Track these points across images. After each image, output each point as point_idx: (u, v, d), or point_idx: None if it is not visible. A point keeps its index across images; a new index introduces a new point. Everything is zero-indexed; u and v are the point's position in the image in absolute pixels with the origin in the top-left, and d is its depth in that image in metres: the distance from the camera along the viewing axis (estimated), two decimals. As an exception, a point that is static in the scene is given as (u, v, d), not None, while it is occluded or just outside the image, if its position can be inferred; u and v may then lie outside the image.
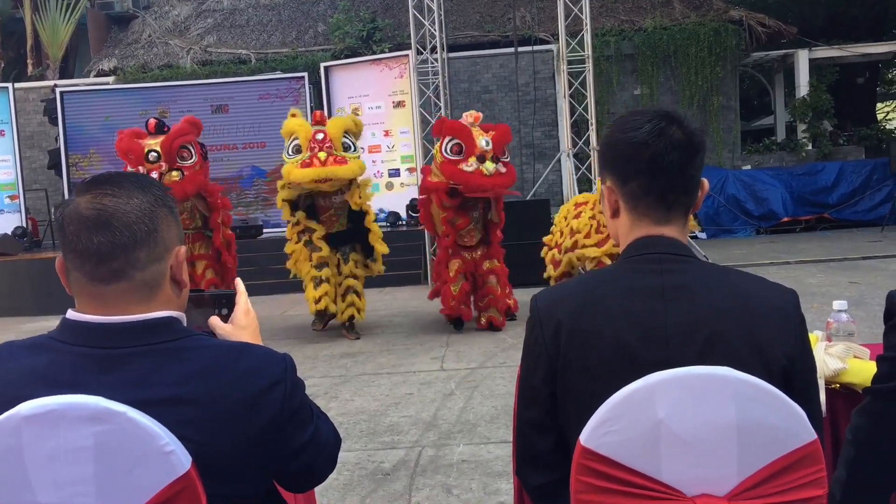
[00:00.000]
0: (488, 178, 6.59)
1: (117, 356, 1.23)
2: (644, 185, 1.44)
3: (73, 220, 1.23)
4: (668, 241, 1.45)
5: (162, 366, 1.23)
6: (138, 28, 18.21)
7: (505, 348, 6.43)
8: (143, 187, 1.28)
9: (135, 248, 1.24)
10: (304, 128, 6.96)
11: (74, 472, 1.19)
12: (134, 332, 1.24)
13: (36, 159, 15.70)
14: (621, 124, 1.49)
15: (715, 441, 1.21)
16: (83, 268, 1.24)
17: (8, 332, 9.06)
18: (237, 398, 1.23)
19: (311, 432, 1.34)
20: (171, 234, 1.30)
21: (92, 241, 1.22)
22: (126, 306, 1.25)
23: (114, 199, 1.24)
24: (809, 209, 14.48)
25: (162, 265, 1.29)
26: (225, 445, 1.23)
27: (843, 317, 2.10)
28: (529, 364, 1.52)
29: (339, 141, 6.92)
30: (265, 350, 1.33)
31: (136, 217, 1.24)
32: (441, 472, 3.77)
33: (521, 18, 15.49)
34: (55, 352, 1.24)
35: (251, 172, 13.90)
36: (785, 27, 15.58)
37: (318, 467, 1.39)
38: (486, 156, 6.64)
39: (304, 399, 1.35)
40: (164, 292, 1.30)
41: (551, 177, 14.06)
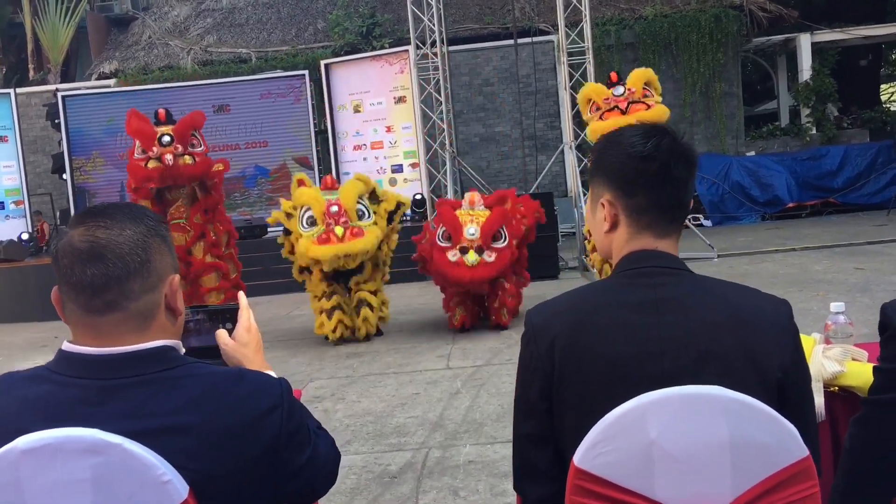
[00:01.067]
0: (467, 270, 6.64)
1: (112, 387, 1.23)
2: (652, 197, 1.45)
3: (67, 252, 1.25)
4: (661, 255, 1.46)
5: (157, 395, 1.24)
6: (138, 30, 18.23)
7: (511, 345, 6.44)
8: (136, 218, 1.30)
9: (128, 280, 1.25)
10: (318, 201, 6.87)
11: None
12: (128, 363, 1.25)
13: (40, 164, 15.76)
14: (621, 139, 1.50)
15: (708, 459, 1.22)
16: (78, 300, 1.25)
17: (14, 338, 9.11)
18: (233, 425, 1.24)
19: (310, 453, 1.35)
20: (164, 263, 1.31)
21: (85, 274, 1.23)
22: (121, 336, 1.26)
23: (106, 232, 1.25)
24: (814, 194, 14.42)
25: (156, 295, 1.30)
26: (223, 472, 1.24)
27: (840, 319, 2.09)
28: (525, 378, 1.53)
29: (353, 211, 6.87)
30: (260, 375, 1.35)
31: (128, 248, 1.25)
32: (448, 474, 3.79)
33: (520, 10, 15.45)
34: (53, 384, 1.25)
35: (254, 172, 13.91)
36: (786, 11, 15.50)
37: (317, 485, 1.40)
38: (470, 246, 6.69)
39: (302, 420, 1.36)
40: (158, 321, 1.31)
41: (555, 168, 14.04)
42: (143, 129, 7.31)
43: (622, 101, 6.97)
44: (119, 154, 13.89)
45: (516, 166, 14.27)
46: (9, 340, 9.10)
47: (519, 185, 14.31)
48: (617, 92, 6.96)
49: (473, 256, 6.65)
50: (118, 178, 13.60)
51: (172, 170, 7.21)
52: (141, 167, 7.26)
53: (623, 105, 6.93)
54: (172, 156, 7.15)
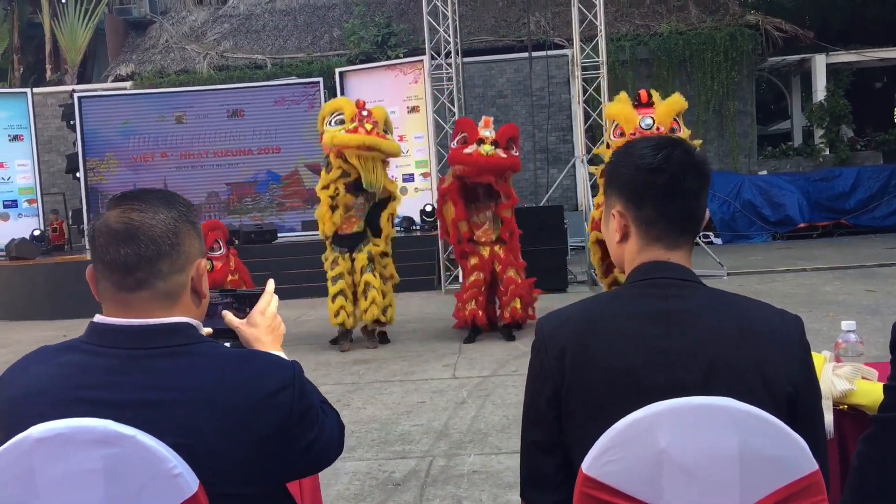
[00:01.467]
0: (484, 157, 6.96)
1: (136, 357, 1.30)
2: (661, 209, 1.46)
3: (103, 232, 1.33)
4: (673, 266, 1.46)
5: (175, 368, 1.30)
6: (155, 33, 18.38)
7: (517, 356, 6.43)
8: (169, 203, 1.37)
9: (158, 260, 1.33)
10: (350, 105, 7.21)
11: (84, 495, 1.21)
12: (152, 335, 1.32)
13: (54, 163, 15.87)
14: (632, 150, 1.51)
15: (717, 471, 1.22)
16: (111, 277, 1.33)
17: (23, 336, 9.15)
18: (246, 401, 1.29)
19: (317, 430, 1.40)
20: (192, 247, 1.39)
21: (119, 253, 1.31)
22: (149, 312, 1.34)
23: (141, 214, 1.33)
24: (826, 215, 14.37)
25: (183, 276, 1.38)
26: (234, 446, 1.28)
27: (851, 337, 2.09)
28: (535, 386, 1.53)
29: (381, 121, 7.22)
30: (273, 357, 1.42)
31: (160, 231, 1.33)
32: (452, 483, 3.78)
33: (535, 23, 15.50)
34: (83, 353, 1.32)
35: (266, 177, 13.98)
36: (802, 31, 15.50)
37: (324, 458, 1.45)
38: (485, 141, 7.05)
39: (312, 401, 1.41)
40: (183, 301, 1.38)
41: (566, 182, 14.05)
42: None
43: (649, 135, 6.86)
44: (133, 156, 14.00)
45: (527, 179, 14.27)
46: (18, 338, 9.14)
47: (529, 197, 14.31)
48: (645, 123, 6.81)
49: (489, 147, 6.97)
50: (131, 180, 13.69)
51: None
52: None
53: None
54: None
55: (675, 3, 16.26)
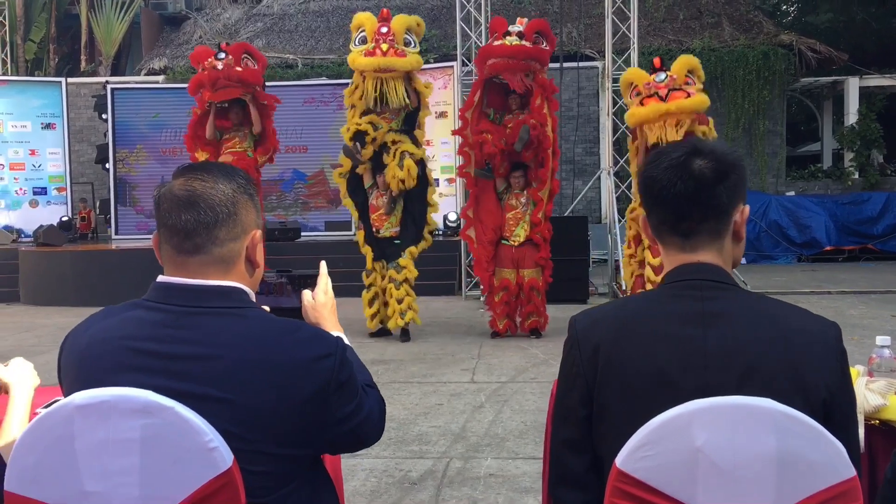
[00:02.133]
0: (508, 46, 7.13)
1: (189, 314, 1.37)
2: (658, 215, 1.50)
3: (167, 199, 1.41)
4: (708, 267, 1.46)
5: (226, 328, 1.36)
6: (189, 29, 18.57)
7: (536, 363, 6.42)
8: (229, 176, 1.45)
9: (216, 227, 1.40)
10: (371, 21, 7.47)
11: (121, 462, 1.23)
12: (206, 294, 1.40)
13: (84, 153, 16.06)
14: (651, 158, 1.54)
15: (753, 472, 1.21)
16: (172, 240, 1.41)
17: (48, 321, 9.26)
18: (290, 364, 1.35)
19: (356, 404, 1.45)
20: (249, 218, 1.46)
21: (181, 219, 1.39)
22: (205, 275, 1.42)
23: (202, 184, 1.41)
24: (853, 239, 14.21)
25: (238, 244, 1.44)
26: (275, 406, 1.33)
27: (885, 352, 2.07)
28: (566, 384, 1.53)
29: (401, 35, 7.39)
30: (318, 329, 1.49)
31: (219, 200, 1.41)
32: (468, 485, 3.78)
33: (567, 34, 15.49)
34: (143, 308, 1.41)
35: (292, 176, 14.04)
36: (836, 53, 15.36)
37: (363, 435, 1.50)
38: (512, 34, 7.26)
39: (353, 374, 1.45)
40: (238, 268, 1.45)
41: (590, 194, 14.01)
42: (200, 52, 8.16)
43: (662, 88, 6.80)
44: (162, 149, 14.13)
45: (552, 189, 14.25)
46: (43, 322, 9.25)
47: (554, 208, 14.25)
48: (659, 78, 6.82)
49: (513, 38, 7.17)
50: (159, 173, 13.80)
51: (222, 71, 7.86)
52: (197, 80, 8.05)
53: (663, 92, 6.78)
54: (224, 64, 7.85)
55: (709, 20, 16.19)
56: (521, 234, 7.54)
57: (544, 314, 7.62)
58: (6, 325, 9.18)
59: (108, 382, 1.30)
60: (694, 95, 6.79)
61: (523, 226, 7.56)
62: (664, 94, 6.75)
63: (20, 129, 14.04)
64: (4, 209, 13.98)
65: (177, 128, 14.10)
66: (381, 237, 7.68)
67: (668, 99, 6.70)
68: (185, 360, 1.32)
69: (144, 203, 14.25)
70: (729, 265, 1.50)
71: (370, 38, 7.36)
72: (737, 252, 1.52)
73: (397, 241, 7.63)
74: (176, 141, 14.06)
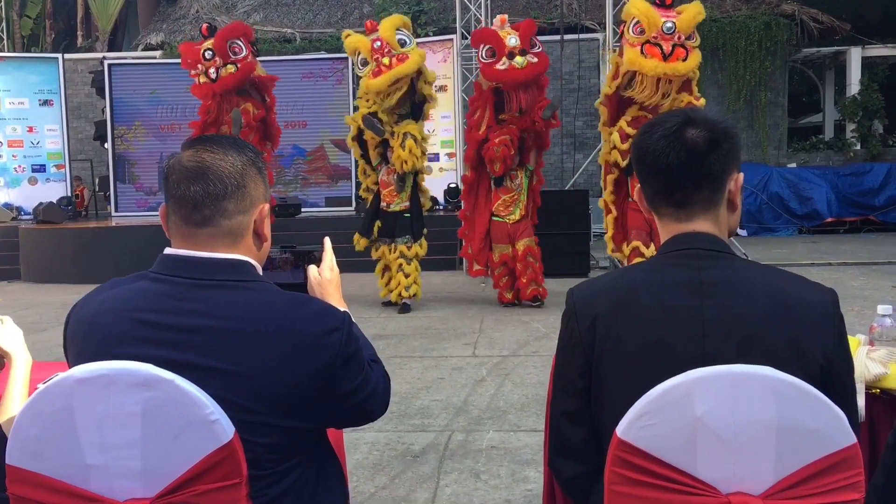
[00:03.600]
0: (521, 71, 7.24)
1: (197, 286, 1.38)
2: (650, 186, 1.50)
3: (176, 170, 1.41)
4: (704, 236, 1.46)
5: (233, 301, 1.37)
6: (186, 3, 18.39)
7: (538, 337, 6.43)
8: (238, 148, 1.45)
9: (224, 199, 1.40)
10: (363, 42, 7.56)
11: (122, 435, 1.23)
12: (214, 267, 1.40)
13: (82, 130, 15.99)
14: (643, 129, 1.53)
15: (753, 440, 1.21)
16: (180, 212, 1.41)
17: (49, 298, 9.28)
18: (297, 337, 1.36)
19: (362, 379, 1.46)
20: (258, 191, 1.46)
21: (189, 190, 1.39)
22: (213, 248, 1.42)
23: (212, 155, 1.41)
24: (854, 210, 14.17)
25: (247, 217, 1.45)
26: (281, 378, 1.33)
27: (886, 321, 2.07)
28: (565, 356, 1.53)
29: (394, 41, 7.44)
30: (327, 304, 1.49)
31: (228, 172, 1.41)
32: (470, 458, 3.80)
33: (567, 6, 15.34)
34: (150, 280, 1.42)
35: (292, 151, 13.97)
36: (839, 23, 15.22)
37: (368, 409, 1.51)
38: (515, 52, 7.28)
39: (359, 349, 1.46)
40: (246, 241, 1.46)
41: (591, 167, 13.95)
42: (188, 52, 8.12)
43: (668, 42, 6.69)
44: (161, 125, 14.05)
45: (553, 163, 14.17)
46: (43, 300, 9.27)
47: (555, 182, 14.23)
48: (667, 28, 6.67)
49: (521, 59, 7.26)
50: (158, 149, 13.76)
51: (217, 85, 7.93)
52: (198, 86, 8.14)
53: (667, 47, 6.67)
54: (215, 69, 7.88)
55: (711, -10, 16.03)
56: (516, 214, 7.76)
57: (542, 282, 7.79)
58: (8, 303, 9.20)
59: (114, 353, 1.31)
60: (690, 56, 6.71)
61: (519, 206, 7.77)
62: (668, 49, 6.66)
63: (18, 106, 13.96)
64: (4, 187, 13.94)
65: (175, 104, 14.02)
66: (390, 211, 7.85)
67: (671, 58, 6.62)
68: (191, 332, 1.33)
69: (144, 180, 14.21)
70: (725, 234, 1.50)
71: (369, 57, 7.45)
72: (732, 220, 1.51)
73: (407, 214, 7.84)
74: (174, 116, 14.00)
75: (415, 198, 7.88)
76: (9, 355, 1.63)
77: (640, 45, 6.76)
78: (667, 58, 6.62)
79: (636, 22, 6.84)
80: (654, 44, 6.70)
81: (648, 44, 6.72)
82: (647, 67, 6.64)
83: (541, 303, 7.73)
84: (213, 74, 7.95)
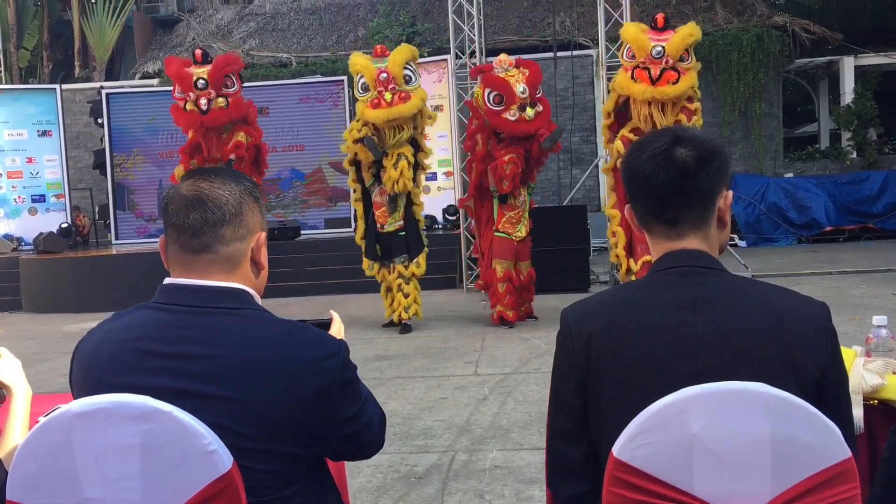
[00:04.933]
0: (531, 123, 7.38)
1: (196, 313, 1.40)
2: (640, 205, 1.52)
3: (175, 199, 1.45)
4: (696, 254, 1.47)
5: (234, 327, 1.38)
6: (182, 31, 18.54)
7: (539, 354, 6.43)
8: (236, 179, 1.50)
9: (222, 226, 1.44)
10: (369, 69, 7.50)
11: (121, 468, 1.24)
12: (212, 295, 1.42)
13: (81, 159, 16.05)
14: (632, 149, 1.55)
15: (748, 456, 1.22)
16: (179, 239, 1.44)
17: (49, 328, 9.28)
18: (293, 363, 1.37)
19: (358, 408, 1.47)
20: (255, 219, 1.50)
21: (188, 217, 1.42)
22: (210, 275, 1.44)
23: (210, 184, 1.45)
24: (853, 218, 14.19)
25: (244, 244, 1.48)
26: (278, 404, 1.34)
27: (882, 332, 2.07)
28: (560, 376, 1.54)
29: (400, 77, 7.46)
30: (323, 332, 1.50)
31: (226, 199, 1.44)
32: (474, 478, 3.79)
33: (560, 23, 15.46)
34: (150, 309, 1.44)
35: (290, 175, 14.04)
36: (830, 33, 15.31)
37: (364, 442, 1.51)
38: (525, 104, 7.36)
39: (355, 379, 1.47)
40: (243, 269, 1.48)
41: (588, 182, 14.00)
42: (181, 76, 7.97)
43: (656, 67, 6.74)
44: (159, 153, 14.12)
45: (550, 178, 14.22)
46: (44, 330, 9.27)
47: (552, 197, 14.28)
48: (656, 52, 6.73)
49: (531, 111, 7.39)
50: (157, 176, 13.82)
51: (207, 118, 7.92)
52: (181, 110, 8.01)
53: (655, 71, 6.73)
54: (207, 100, 7.85)
55: (702, 4, 16.14)
56: (522, 231, 7.77)
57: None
58: (9, 334, 9.20)
59: (111, 383, 1.33)
60: (682, 79, 6.76)
61: (524, 222, 7.79)
62: (656, 74, 6.73)
63: (17, 138, 14.03)
64: (4, 218, 13.99)
65: (173, 131, 14.04)
66: (385, 232, 7.81)
67: (659, 81, 6.69)
68: (190, 360, 1.34)
69: (143, 207, 14.26)
70: (715, 251, 1.51)
71: (372, 86, 7.42)
72: (722, 237, 1.53)
73: (402, 232, 7.82)
74: (173, 144, 14.06)
75: (409, 217, 7.87)
76: (9, 388, 1.63)
77: (631, 69, 6.89)
78: (655, 82, 6.70)
79: (628, 47, 6.96)
80: (643, 68, 6.79)
81: (638, 68, 6.83)
82: (635, 92, 6.75)
83: (535, 318, 7.98)
84: (203, 105, 7.91)
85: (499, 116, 7.38)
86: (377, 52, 7.70)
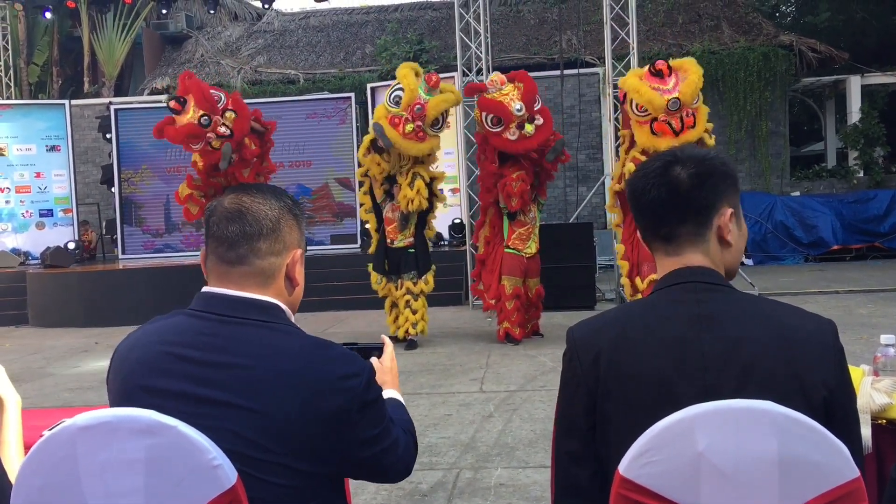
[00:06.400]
0: (531, 140, 7.33)
1: (226, 322, 1.42)
2: (640, 222, 1.55)
3: (217, 212, 1.49)
4: (700, 270, 1.47)
5: (262, 339, 1.40)
6: (191, 48, 18.69)
7: (545, 371, 6.40)
8: (277, 196, 1.53)
9: (259, 239, 1.46)
10: (412, 91, 7.40)
11: (125, 483, 1.24)
12: (244, 306, 1.44)
13: (89, 174, 16.14)
14: (636, 169, 1.59)
15: (756, 475, 1.21)
16: (217, 251, 1.48)
17: (56, 342, 9.29)
18: (317, 379, 1.38)
19: (382, 430, 1.47)
20: (292, 236, 1.53)
21: (227, 230, 1.46)
22: (245, 287, 1.47)
23: (251, 199, 1.49)
24: (860, 237, 14.14)
25: (279, 259, 1.50)
26: (298, 419, 1.34)
27: (890, 351, 2.06)
28: (567, 395, 1.53)
29: (431, 119, 7.41)
30: (350, 351, 1.50)
31: (264, 214, 1.48)
32: (479, 496, 3.77)
33: (567, 41, 15.53)
34: (184, 315, 1.47)
35: (296, 191, 14.06)
36: (836, 52, 15.34)
37: (387, 465, 1.50)
38: (523, 121, 7.31)
39: (379, 400, 1.47)
40: (277, 284, 1.50)
41: (595, 200, 14.00)
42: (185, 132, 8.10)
43: (676, 119, 6.67)
44: (167, 168, 14.19)
45: (556, 196, 14.25)
46: (51, 344, 9.28)
47: (559, 215, 14.29)
48: (672, 105, 6.62)
49: (530, 127, 7.33)
50: (164, 192, 13.87)
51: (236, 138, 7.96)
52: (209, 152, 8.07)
53: (678, 124, 6.65)
54: (215, 135, 7.90)
55: (708, 23, 16.21)
56: (532, 247, 7.78)
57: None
58: (15, 348, 9.22)
59: (138, 384, 1.37)
60: (698, 115, 6.76)
61: (534, 238, 7.80)
62: (678, 126, 6.64)
63: (25, 153, 14.13)
64: (11, 232, 14.06)
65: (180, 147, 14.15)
66: (394, 248, 7.84)
67: (682, 133, 6.62)
68: (216, 368, 1.36)
69: (150, 222, 14.32)
70: (721, 268, 1.50)
71: (404, 106, 7.33)
72: (727, 257, 1.51)
73: (411, 249, 7.83)
74: (180, 159, 14.13)
75: (419, 234, 7.88)
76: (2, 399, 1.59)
77: (648, 123, 6.76)
78: (678, 133, 6.63)
79: (633, 101, 6.82)
80: (662, 122, 6.70)
81: (657, 122, 6.71)
82: (662, 146, 6.59)
83: (541, 335, 7.99)
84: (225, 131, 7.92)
85: (499, 137, 7.37)
86: (430, 81, 7.54)
